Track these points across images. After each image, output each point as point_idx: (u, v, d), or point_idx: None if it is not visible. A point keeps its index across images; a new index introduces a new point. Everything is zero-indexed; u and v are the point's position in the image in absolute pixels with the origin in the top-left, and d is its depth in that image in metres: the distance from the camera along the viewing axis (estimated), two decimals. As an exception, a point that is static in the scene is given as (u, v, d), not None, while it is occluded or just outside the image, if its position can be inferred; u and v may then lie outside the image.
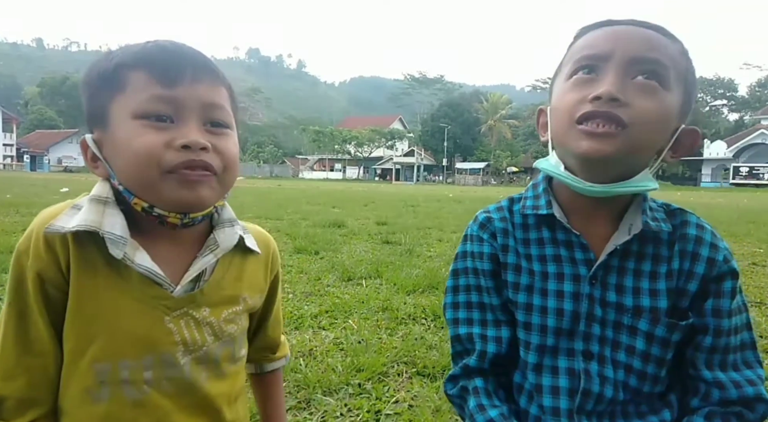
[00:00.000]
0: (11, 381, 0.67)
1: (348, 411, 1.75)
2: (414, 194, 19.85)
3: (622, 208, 0.82)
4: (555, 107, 0.80)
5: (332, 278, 3.66)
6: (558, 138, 0.80)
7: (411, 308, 2.91)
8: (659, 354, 0.79)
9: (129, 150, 0.67)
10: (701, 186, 46.08)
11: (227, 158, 0.72)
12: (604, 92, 0.72)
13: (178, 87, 0.67)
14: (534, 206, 0.86)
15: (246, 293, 0.81)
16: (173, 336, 0.72)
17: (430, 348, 2.30)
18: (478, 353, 0.86)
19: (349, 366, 2.06)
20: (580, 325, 0.81)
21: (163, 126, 0.67)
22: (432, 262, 4.37)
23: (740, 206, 13.86)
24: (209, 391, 0.76)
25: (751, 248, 5.59)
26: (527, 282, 0.84)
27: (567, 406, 0.80)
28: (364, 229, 6.68)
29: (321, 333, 2.50)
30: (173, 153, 0.66)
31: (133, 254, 0.68)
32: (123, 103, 0.67)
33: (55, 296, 0.68)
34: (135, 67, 0.67)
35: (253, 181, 35.48)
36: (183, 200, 0.69)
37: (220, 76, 0.73)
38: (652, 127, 0.74)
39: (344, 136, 64.86)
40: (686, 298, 0.80)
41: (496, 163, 56.75)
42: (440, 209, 11.11)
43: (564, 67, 0.81)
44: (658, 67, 0.73)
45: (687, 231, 0.82)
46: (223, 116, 0.72)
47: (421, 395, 1.86)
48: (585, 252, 0.82)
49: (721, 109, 74.39)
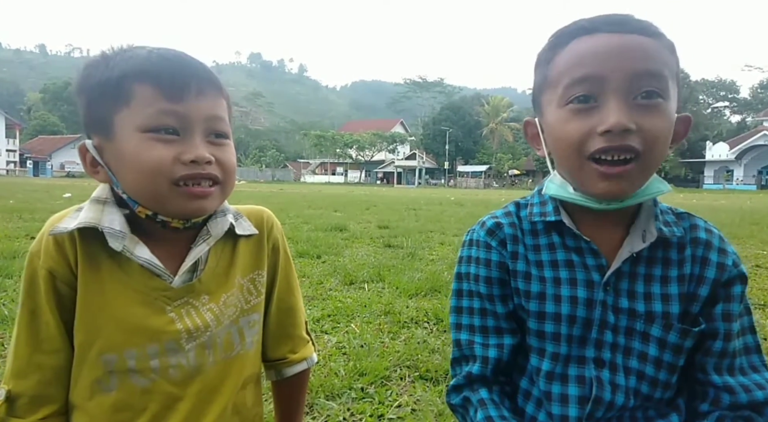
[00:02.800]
0: (24, 380, 0.70)
1: (351, 416, 1.75)
2: (416, 197, 19.85)
3: (632, 212, 0.81)
4: (557, 136, 0.76)
5: (334, 282, 3.66)
6: (568, 171, 0.78)
7: (413, 312, 2.91)
8: (671, 360, 0.78)
9: (138, 163, 0.69)
10: (704, 188, 45.99)
11: (228, 168, 0.76)
12: (614, 125, 0.68)
13: (185, 101, 0.70)
14: (541, 213, 0.84)
15: (239, 275, 0.83)
16: (176, 324, 0.75)
17: (432, 352, 2.29)
18: (480, 359, 0.85)
19: (352, 370, 2.05)
20: (592, 332, 0.79)
21: (171, 139, 0.70)
22: (434, 265, 4.36)
23: (743, 208, 13.82)
24: (216, 376, 0.78)
25: (754, 251, 5.56)
26: (539, 290, 0.82)
27: (576, 414, 0.79)
28: (366, 233, 6.68)
29: (323, 337, 2.50)
30: (181, 167, 0.70)
31: (133, 247, 0.72)
32: (129, 115, 0.69)
33: (65, 292, 0.71)
34: (140, 80, 0.69)
35: (255, 185, 35.52)
36: (189, 211, 0.73)
37: (221, 89, 0.76)
38: (663, 144, 0.73)
39: (346, 140, 64.94)
40: (697, 303, 0.79)
41: (498, 166, 56.82)
42: (442, 212, 11.10)
43: (552, 85, 0.77)
44: (659, 82, 0.71)
45: (697, 235, 0.81)
46: (224, 128, 0.76)
47: (423, 399, 1.86)
48: (596, 258, 0.80)
49: (723, 111, 74.31)
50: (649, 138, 0.70)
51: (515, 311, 0.85)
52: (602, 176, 0.72)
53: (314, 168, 73.00)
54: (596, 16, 0.75)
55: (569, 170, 0.77)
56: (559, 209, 0.83)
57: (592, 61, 0.71)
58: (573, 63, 0.73)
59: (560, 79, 0.74)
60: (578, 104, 0.72)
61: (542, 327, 0.81)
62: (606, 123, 0.69)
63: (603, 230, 0.81)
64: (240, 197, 16.35)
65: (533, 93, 0.84)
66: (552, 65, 0.77)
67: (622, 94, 0.70)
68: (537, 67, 0.82)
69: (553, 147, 0.79)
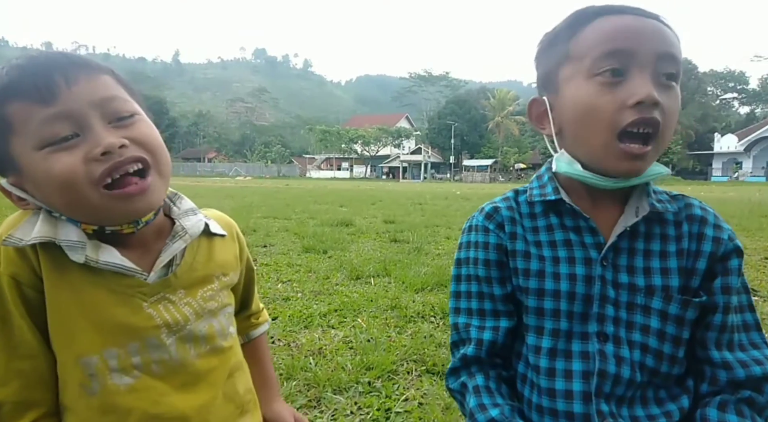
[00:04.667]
0: (4, 387, 0.68)
1: (358, 409, 1.76)
2: (421, 192, 19.82)
3: (627, 191, 0.83)
4: (584, 110, 0.76)
5: (341, 277, 3.67)
6: (589, 148, 0.78)
7: (420, 307, 2.91)
8: (674, 332, 0.79)
9: (54, 183, 0.64)
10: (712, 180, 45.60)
11: (149, 144, 0.69)
12: (647, 96, 0.71)
13: (60, 97, 0.63)
14: (541, 194, 0.86)
15: (219, 272, 0.84)
16: (154, 319, 0.73)
17: (439, 346, 2.30)
18: (475, 342, 0.86)
19: (359, 365, 2.06)
20: (594, 307, 0.80)
21: (72, 144, 0.64)
22: (440, 260, 4.36)
23: (752, 200, 13.68)
24: (200, 367, 0.78)
25: (763, 243, 5.51)
26: (538, 267, 0.84)
27: (580, 388, 0.79)
28: (372, 228, 6.69)
29: (330, 332, 2.51)
30: (96, 165, 0.64)
31: (97, 254, 0.69)
32: (21, 141, 0.64)
33: (33, 297, 0.68)
34: (8, 101, 0.63)
35: (261, 181, 35.62)
36: (132, 213, 0.69)
37: (94, 66, 0.68)
38: (674, 125, 0.76)
39: (351, 135, 64.89)
40: (696, 277, 0.80)
41: (504, 160, 56.53)
42: (448, 206, 11.09)
43: (576, 58, 0.77)
44: (677, 67, 0.74)
45: (693, 212, 0.83)
46: (121, 106, 0.68)
47: (430, 393, 1.87)
48: (594, 236, 0.82)
49: (732, 102, 73.55)
50: (668, 116, 0.73)
51: (513, 293, 0.87)
52: (627, 155, 0.74)
53: (320, 163, 73.03)
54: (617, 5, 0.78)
55: (591, 146, 0.78)
56: (559, 189, 0.85)
57: (624, 36, 0.73)
58: (604, 37, 0.74)
59: (588, 52, 0.75)
60: (610, 77, 0.73)
61: (541, 303, 0.83)
62: (639, 94, 0.71)
63: (600, 210, 0.83)
64: (246, 193, 16.42)
65: (544, 73, 0.84)
66: (576, 40, 0.78)
67: (649, 71, 0.72)
68: (551, 45, 0.82)
69: (575, 123, 0.79)
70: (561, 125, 0.82)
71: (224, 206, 9.40)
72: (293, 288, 3.35)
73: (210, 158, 77.64)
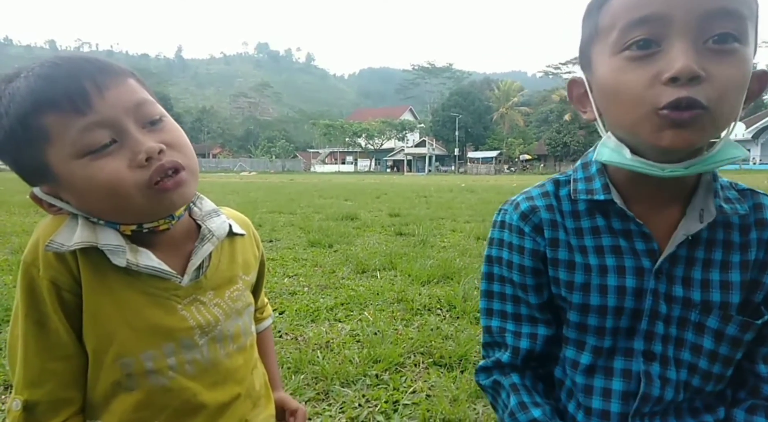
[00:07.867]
0: (39, 388, 0.70)
1: (366, 402, 1.77)
2: (426, 184, 19.80)
3: (690, 187, 0.71)
4: (611, 90, 0.65)
5: (347, 271, 3.68)
6: (627, 126, 0.66)
7: (426, 299, 2.92)
8: (728, 353, 0.71)
9: (99, 189, 0.65)
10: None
11: (180, 145, 0.71)
12: (682, 70, 0.57)
13: (94, 107, 0.64)
14: (587, 190, 0.75)
15: (242, 272, 0.86)
16: (188, 321, 0.76)
17: (446, 339, 2.31)
18: (511, 349, 0.81)
19: (366, 358, 2.07)
20: (642, 324, 0.73)
21: (112, 150, 0.65)
22: (446, 252, 4.36)
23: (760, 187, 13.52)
24: (229, 366, 0.81)
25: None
26: (582, 281, 0.74)
27: (619, 410, 0.73)
28: (377, 221, 6.68)
29: (337, 325, 2.52)
30: (140, 172, 0.66)
31: (136, 258, 0.71)
32: (57, 151, 0.65)
33: (71, 300, 0.70)
34: (42, 113, 0.63)
35: (266, 176, 35.66)
36: (169, 205, 0.70)
37: (118, 70, 0.69)
38: (736, 97, 0.61)
39: (355, 128, 64.79)
40: (761, 292, 0.71)
41: (509, 151, 56.27)
42: (453, 199, 11.06)
43: (604, 32, 0.65)
44: (735, 22, 0.58)
45: (764, 216, 0.72)
46: (151, 110, 0.70)
47: (438, 385, 1.87)
48: (647, 242, 0.72)
49: (739, 89, 72.58)
50: (719, 88, 0.58)
51: (551, 301, 0.79)
52: (669, 123, 0.60)
53: (324, 158, 73.04)
54: None
55: (628, 123, 0.65)
56: (609, 186, 0.73)
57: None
58: (631, 3, 0.62)
59: (615, 23, 0.63)
60: (637, 51, 0.61)
61: (585, 320, 0.75)
62: (672, 69, 0.58)
63: (656, 211, 0.72)
64: (251, 188, 16.46)
65: (581, 49, 0.74)
66: (604, 10, 0.66)
67: (691, 37, 0.59)
68: (585, 18, 0.71)
69: (606, 104, 0.68)
70: (599, 108, 0.71)
71: (230, 201, 9.44)
72: (300, 282, 3.36)
73: (214, 153, 77.82)
